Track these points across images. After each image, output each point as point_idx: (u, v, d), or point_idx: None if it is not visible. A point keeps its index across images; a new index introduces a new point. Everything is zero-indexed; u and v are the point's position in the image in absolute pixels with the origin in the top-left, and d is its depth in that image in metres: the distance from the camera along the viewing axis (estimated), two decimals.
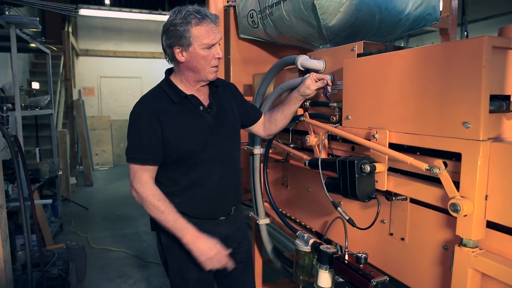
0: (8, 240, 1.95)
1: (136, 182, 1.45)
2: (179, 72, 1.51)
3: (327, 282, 1.40)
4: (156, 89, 1.54)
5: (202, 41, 1.40)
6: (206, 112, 1.52)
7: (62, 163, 5.55)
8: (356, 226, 1.34)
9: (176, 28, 1.39)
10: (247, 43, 2.42)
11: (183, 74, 1.50)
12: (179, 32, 1.39)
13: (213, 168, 1.52)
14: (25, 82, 6.47)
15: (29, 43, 3.75)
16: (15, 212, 3.34)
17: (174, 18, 1.40)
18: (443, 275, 1.12)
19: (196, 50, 1.41)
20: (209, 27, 1.41)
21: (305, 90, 1.57)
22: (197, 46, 1.40)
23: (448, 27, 2.57)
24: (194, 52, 1.41)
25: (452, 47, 1.02)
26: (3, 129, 2.29)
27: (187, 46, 1.40)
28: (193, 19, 1.38)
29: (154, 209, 1.43)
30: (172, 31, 1.40)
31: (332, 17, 1.59)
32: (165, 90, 1.50)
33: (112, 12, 8.32)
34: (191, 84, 1.51)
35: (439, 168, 1.01)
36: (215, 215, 1.57)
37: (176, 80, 1.53)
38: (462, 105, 0.99)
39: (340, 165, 1.27)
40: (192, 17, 1.38)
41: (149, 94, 1.53)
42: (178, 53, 1.43)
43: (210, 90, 1.57)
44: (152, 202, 1.43)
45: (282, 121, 1.68)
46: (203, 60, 1.43)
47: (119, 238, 4.30)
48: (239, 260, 1.66)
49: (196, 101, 1.50)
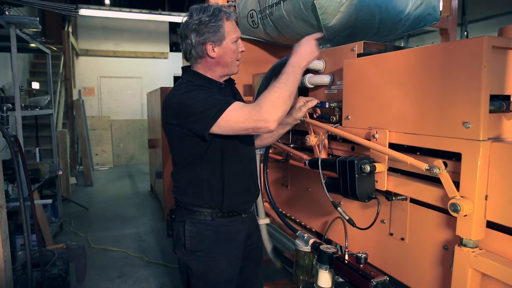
0: (8, 240, 1.95)
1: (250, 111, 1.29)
2: (204, 69, 1.52)
3: (327, 282, 1.40)
4: (187, 85, 1.48)
5: (232, 35, 1.47)
6: None
7: (62, 163, 5.55)
8: (356, 226, 1.34)
9: (210, 25, 1.43)
10: (247, 43, 2.41)
11: (209, 70, 1.52)
12: (213, 28, 1.43)
13: (245, 163, 1.57)
14: (25, 82, 6.47)
15: (29, 43, 3.74)
16: (15, 212, 3.34)
17: (201, 16, 1.43)
18: (443, 275, 1.12)
19: (228, 44, 1.47)
20: (234, 23, 1.50)
21: (296, 113, 1.60)
22: (229, 41, 1.47)
23: (448, 27, 2.57)
24: (226, 46, 1.47)
25: (452, 47, 1.02)
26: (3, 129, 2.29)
27: (221, 41, 1.45)
28: (224, 15, 1.44)
29: (278, 94, 1.30)
30: (206, 27, 1.43)
31: (332, 17, 1.59)
32: (197, 83, 1.48)
33: (112, 12, 8.31)
34: (216, 79, 1.54)
35: (439, 168, 1.01)
36: (244, 211, 1.59)
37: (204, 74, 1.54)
38: (462, 105, 0.99)
39: (340, 165, 1.27)
40: (223, 13, 1.44)
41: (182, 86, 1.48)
42: (210, 49, 1.46)
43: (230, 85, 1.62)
44: (272, 97, 1.29)
45: (268, 139, 1.74)
46: (233, 54, 1.50)
47: (119, 238, 4.29)
48: (253, 257, 1.68)
49: (229, 91, 1.57)
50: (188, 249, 1.51)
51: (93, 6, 8.21)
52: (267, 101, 1.29)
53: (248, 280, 1.71)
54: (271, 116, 1.27)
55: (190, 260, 1.53)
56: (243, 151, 1.56)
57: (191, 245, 1.52)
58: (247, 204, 1.61)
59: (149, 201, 5.88)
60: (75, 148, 7.81)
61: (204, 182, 1.51)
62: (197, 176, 1.51)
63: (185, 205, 1.54)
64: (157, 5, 9.32)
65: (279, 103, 1.29)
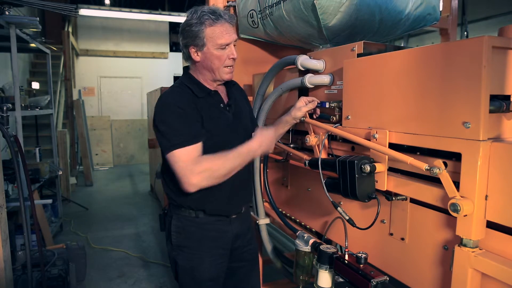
0: (8, 240, 1.95)
1: (183, 174, 1.34)
2: (197, 71, 1.53)
3: (327, 282, 1.40)
4: (178, 86, 1.53)
5: (216, 41, 1.42)
6: (226, 110, 1.54)
7: (62, 163, 5.55)
8: (356, 226, 1.34)
9: (191, 29, 1.41)
10: (247, 43, 2.42)
11: (200, 73, 1.52)
12: (193, 32, 1.41)
13: None
14: (25, 82, 6.47)
15: (29, 43, 3.74)
16: (15, 212, 3.34)
17: (190, 18, 1.43)
18: (443, 275, 1.12)
19: (210, 50, 1.43)
20: (223, 28, 1.42)
21: (296, 113, 1.59)
22: (211, 47, 1.43)
23: (448, 27, 2.56)
24: (208, 52, 1.44)
25: (452, 47, 1.02)
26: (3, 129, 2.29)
27: (202, 46, 1.43)
28: (207, 20, 1.40)
29: (223, 165, 1.36)
30: (188, 31, 1.43)
31: (332, 17, 1.59)
32: (188, 86, 1.50)
33: (112, 12, 8.31)
34: (208, 82, 1.54)
35: (439, 168, 1.01)
36: (228, 213, 1.58)
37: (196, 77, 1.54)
38: (462, 105, 0.99)
39: (340, 165, 1.27)
40: (206, 17, 1.40)
41: (173, 89, 1.52)
42: (193, 53, 1.46)
43: (227, 90, 1.60)
44: (217, 163, 1.36)
45: None
46: (217, 60, 1.45)
47: (119, 238, 4.30)
48: (247, 258, 1.69)
49: (219, 98, 1.54)
50: (174, 244, 1.53)
51: (93, 6, 8.22)
52: (206, 168, 1.33)
53: (241, 282, 1.71)
54: (197, 182, 1.33)
55: (176, 255, 1.57)
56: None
57: (177, 240, 1.54)
58: (231, 208, 1.59)
59: (149, 201, 5.88)
60: (75, 148, 7.81)
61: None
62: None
63: (172, 201, 1.57)
64: (157, 5, 9.32)
65: (214, 176, 1.35)
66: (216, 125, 1.49)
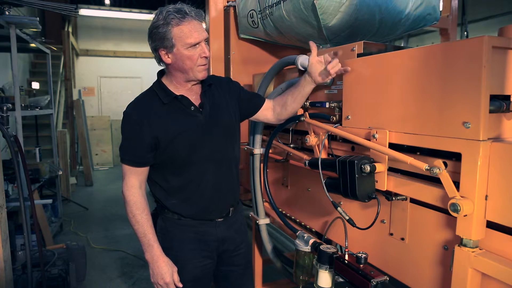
0: (8, 240, 1.95)
1: (124, 183, 1.50)
2: (169, 73, 1.49)
3: (327, 282, 1.40)
4: (148, 91, 1.53)
5: (185, 41, 1.35)
6: (197, 112, 1.49)
7: (62, 163, 5.55)
8: (356, 226, 1.34)
9: (158, 30, 1.35)
10: (247, 43, 2.42)
11: (173, 75, 1.48)
12: (160, 34, 1.35)
13: (206, 168, 1.50)
14: (25, 82, 6.47)
15: (29, 43, 3.75)
16: (15, 212, 3.34)
17: (156, 20, 1.37)
18: (443, 275, 1.12)
19: (180, 51, 1.37)
20: (191, 26, 1.35)
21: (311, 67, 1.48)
22: (180, 47, 1.36)
23: (448, 27, 2.57)
24: (178, 53, 1.38)
25: (452, 47, 1.02)
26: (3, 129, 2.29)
27: (171, 47, 1.37)
28: (173, 20, 1.33)
29: (131, 216, 1.49)
30: (155, 34, 1.37)
31: (332, 17, 1.59)
32: (156, 92, 1.48)
33: (112, 12, 8.31)
34: (181, 84, 1.49)
35: (439, 168, 1.01)
36: (210, 216, 1.56)
37: (166, 81, 1.51)
38: (462, 105, 0.99)
39: (340, 165, 1.27)
40: (172, 17, 1.33)
41: (141, 96, 1.53)
42: (164, 55, 1.40)
43: (203, 89, 1.54)
44: (132, 209, 1.48)
45: (292, 104, 1.59)
46: (189, 60, 1.39)
47: (119, 238, 4.29)
48: (237, 263, 1.66)
49: (187, 102, 1.48)
50: (160, 244, 1.53)
51: (93, 6, 8.21)
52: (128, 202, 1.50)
53: (233, 286, 1.70)
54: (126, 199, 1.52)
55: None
56: (204, 155, 1.49)
57: (162, 240, 1.54)
58: (208, 213, 1.55)
59: (149, 201, 5.88)
60: (75, 148, 7.81)
61: (161, 188, 1.54)
62: (157, 181, 1.54)
63: (157, 201, 1.59)
64: (157, 5, 9.23)
65: (127, 214, 1.52)
66: (182, 130, 1.45)
